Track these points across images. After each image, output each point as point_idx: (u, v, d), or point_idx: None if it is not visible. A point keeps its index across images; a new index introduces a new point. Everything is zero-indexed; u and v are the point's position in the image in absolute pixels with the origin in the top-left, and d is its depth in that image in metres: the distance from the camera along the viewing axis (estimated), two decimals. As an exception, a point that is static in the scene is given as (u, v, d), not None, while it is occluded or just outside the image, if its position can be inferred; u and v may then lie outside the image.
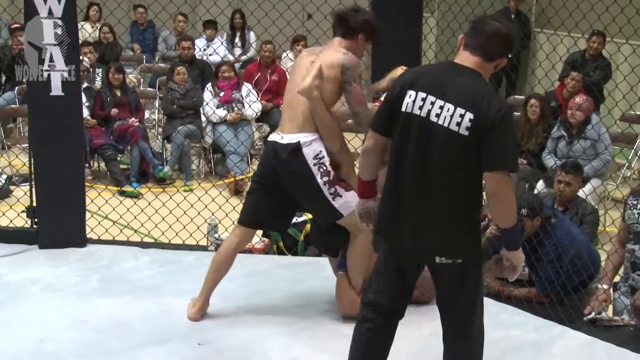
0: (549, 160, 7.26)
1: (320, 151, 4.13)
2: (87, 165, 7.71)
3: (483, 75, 3.14)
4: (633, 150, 7.95)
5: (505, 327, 4.41)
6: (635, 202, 4.64)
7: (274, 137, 4.26)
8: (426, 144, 3.08)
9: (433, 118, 3.07)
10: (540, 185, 7.07)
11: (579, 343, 4.29)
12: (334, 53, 4.13)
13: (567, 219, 5.12)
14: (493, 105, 3.02)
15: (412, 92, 3.11)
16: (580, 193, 5.93)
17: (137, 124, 8.26)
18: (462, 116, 3.02)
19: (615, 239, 4.81)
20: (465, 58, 3.15)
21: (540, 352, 4.16)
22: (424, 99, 3.09)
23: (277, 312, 4.49)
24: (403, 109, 3.12)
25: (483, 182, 3.10)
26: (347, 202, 4.13)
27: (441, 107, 3.06)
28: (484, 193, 3.19)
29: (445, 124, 3.04)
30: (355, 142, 5.20)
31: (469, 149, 3.03)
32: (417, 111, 3.09)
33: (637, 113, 7.47)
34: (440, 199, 3.09)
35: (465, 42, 3.17)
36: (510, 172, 3.07)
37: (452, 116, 3.04)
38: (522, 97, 8.49)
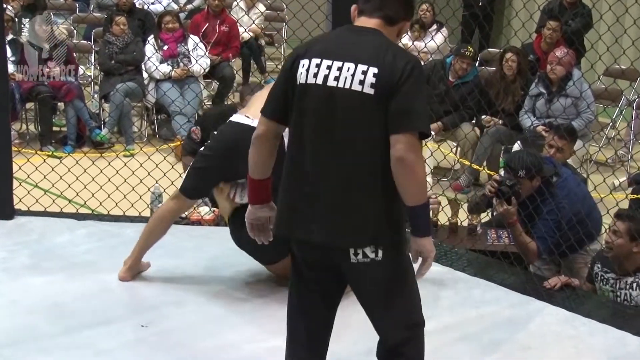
0: (526, 120, 7.29)
1: None
2: (13, 128, 7.60)
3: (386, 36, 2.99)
4: (618, 109, 8.01)
5: (479, 304, 4.44)
6: (605, 275, 4.65)
7: (241, 119, 4.26)
8: (327, 114, 2.92)
9: (331, 82, 2.91)
10: (516, 147, 7.10)
11: (558, 320, 4.33)
12: None
13: (572, 176, 5.04)
14: (399, 59, 2.87)
15: (304, 61, 2.96)
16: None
17: (59, 73, 8.17)
18: (364, 73, 2.87)
19: None
20: (362, 22, 3.01)
21: (516, 331, 4.18)
22: (318, 65, 2.94)
23: (229, 289, 4.48)
24: (297, 82, 2.97)
25: None
26: None
27: (339, 69, 2.91)
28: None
29: (347, 86, 2.89)
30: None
31: (375, 110, 2.87)
32: (312, 80, 2.94)
33: (622, 67, 7.52)
34: (350, 174, 2.91)
35: (358, 10, 3.03)
36: (421, 136, 2.87)
37: (353, 75, 2.89)
38: (497, 50, 8.51)
